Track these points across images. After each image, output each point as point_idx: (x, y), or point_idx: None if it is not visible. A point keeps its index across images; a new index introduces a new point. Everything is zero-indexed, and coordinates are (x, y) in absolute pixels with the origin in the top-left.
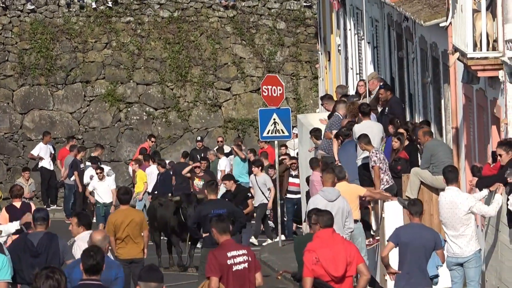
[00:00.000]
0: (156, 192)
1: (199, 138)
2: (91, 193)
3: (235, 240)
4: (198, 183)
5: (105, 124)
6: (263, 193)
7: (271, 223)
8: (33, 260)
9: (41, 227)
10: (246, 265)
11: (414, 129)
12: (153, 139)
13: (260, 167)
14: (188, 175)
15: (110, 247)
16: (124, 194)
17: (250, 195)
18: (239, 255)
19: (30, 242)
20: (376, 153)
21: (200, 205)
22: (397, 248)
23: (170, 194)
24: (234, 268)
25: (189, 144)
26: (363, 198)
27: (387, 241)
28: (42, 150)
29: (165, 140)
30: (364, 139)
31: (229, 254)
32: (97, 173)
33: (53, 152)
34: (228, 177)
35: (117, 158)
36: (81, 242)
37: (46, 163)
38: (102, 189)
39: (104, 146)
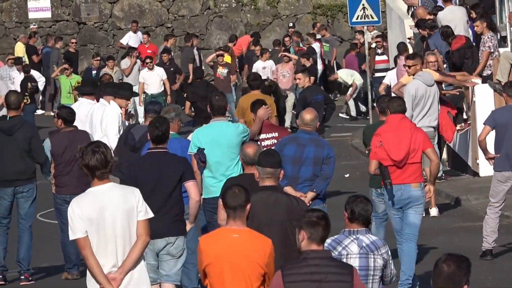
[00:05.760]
0: None
1: (291, 24)
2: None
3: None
4: (221, 71)
5: (194, 12)
6: None
7: (363, 107)
8: (131, 155)
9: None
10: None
11: None
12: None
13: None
14: (211, 63)
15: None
16: (253, 80)
17: None
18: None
19: (131, 136)
20: (492, 38)
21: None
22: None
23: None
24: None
25: (279, 31)
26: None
27: (483, 124)
28: (131, 39)
29: (254, 27)
30: (484, 18)
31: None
32: (146, 63)
33: (142, 40)
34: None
35: (207, 46)
36: None
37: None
38: (152, 80)
39: (194, 34)
